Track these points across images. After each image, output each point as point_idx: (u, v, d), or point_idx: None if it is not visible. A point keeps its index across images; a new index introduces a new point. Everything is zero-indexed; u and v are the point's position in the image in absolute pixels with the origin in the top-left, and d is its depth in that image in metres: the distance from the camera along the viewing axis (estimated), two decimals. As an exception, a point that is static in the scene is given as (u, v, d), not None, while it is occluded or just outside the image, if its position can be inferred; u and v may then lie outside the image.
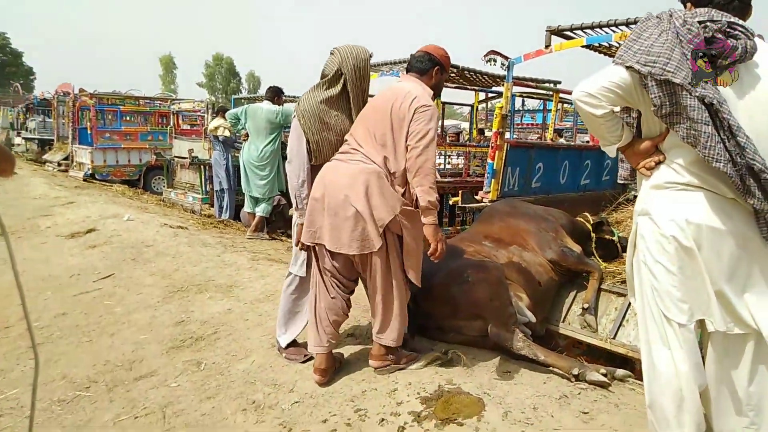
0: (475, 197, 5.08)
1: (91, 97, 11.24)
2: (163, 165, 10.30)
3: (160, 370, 2.88)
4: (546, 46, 4.33)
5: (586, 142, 9.25)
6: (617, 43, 4.39)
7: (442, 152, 7.83)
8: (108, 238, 5.60)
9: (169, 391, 2.66)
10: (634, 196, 5.14)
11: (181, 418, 2.43)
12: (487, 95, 8.46)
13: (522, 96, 9.56)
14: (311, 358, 2.80)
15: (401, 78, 2.80)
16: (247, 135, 6.33)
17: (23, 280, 1.74)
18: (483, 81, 7.16)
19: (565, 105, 9.99)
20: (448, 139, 9.14)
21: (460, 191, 6.33)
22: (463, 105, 10.65)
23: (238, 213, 7.43)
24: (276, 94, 6.30)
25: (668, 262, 1.76)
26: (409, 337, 2.95)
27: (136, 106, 12.11)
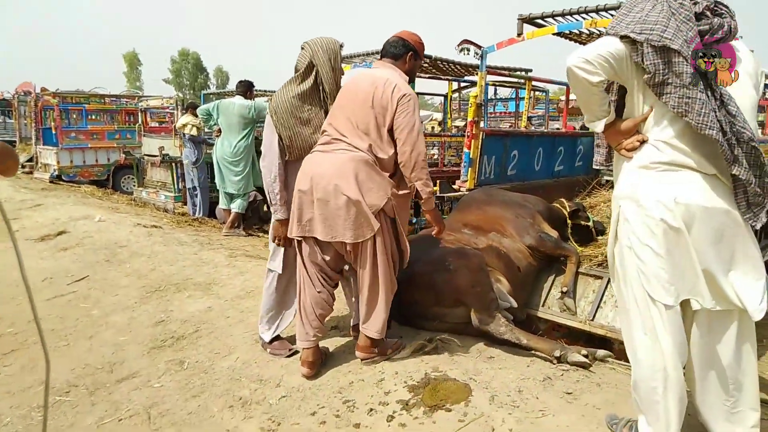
0: (453, 186, 5.11)
1: (54, 96, 10.89)
2: (133, 164, 10.08)
3: (143, 371, 2.83)
4: (518, 35, 4.37)
5: (557, 128, 9.38)
6: (587, 30, 4.46)
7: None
8: (80, 240, 5.46)
9: (153, 391, 2.62)
10: (607, 181, 5.28)
11: (167, 418, 2.40)
12: (460, 85, 8.48)
13: (494, 84, 9.62)
14: (296, 352, 2.80)
15: (375, 64, 2.78)
16: (220, 131, 6.24)
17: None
18: (456, 71, 7.17)
19: (537, 93, 10.10)
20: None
21: (438, 181, 6.37)
22: (435, 95, 10.67)
23: (213, 210, 7.34)
24: (248, 89, 6.22)
25: (656, 245, 1.76)
26: (392, 325, 2.96)
27: (102, 105, 11.79)
